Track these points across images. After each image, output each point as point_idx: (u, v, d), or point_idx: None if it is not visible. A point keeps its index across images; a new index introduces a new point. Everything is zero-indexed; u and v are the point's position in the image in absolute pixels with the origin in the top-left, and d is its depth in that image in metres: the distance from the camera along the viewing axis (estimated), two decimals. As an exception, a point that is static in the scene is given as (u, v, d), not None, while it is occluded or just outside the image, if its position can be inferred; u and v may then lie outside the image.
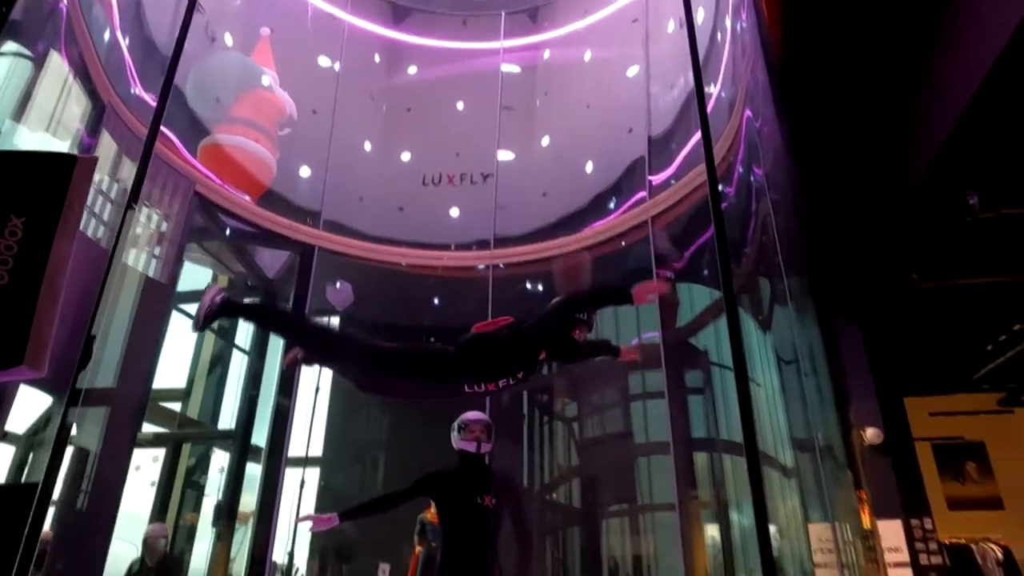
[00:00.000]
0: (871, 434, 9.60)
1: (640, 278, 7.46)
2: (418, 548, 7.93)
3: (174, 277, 6.47)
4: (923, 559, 8.91)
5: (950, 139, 6.49)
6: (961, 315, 9.50)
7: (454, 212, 9.55)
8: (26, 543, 1.56)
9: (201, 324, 3.06)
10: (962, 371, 11.21)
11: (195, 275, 8.63)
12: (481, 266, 8.20)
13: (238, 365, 8.83)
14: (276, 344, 7.63)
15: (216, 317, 3.09)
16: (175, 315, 7.23)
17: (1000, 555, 9.97)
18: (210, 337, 9.42)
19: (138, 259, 5.99)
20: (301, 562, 8.37)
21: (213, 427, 8.78)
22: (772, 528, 5.79)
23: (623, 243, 7.58)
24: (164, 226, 6.25)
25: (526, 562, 3.79)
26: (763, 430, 5.59)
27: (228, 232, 7.84)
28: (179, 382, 8.91)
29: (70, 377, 1.93)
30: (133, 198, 2.32)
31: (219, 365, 9.18)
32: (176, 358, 8.52)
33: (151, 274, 6.15)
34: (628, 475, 8.21)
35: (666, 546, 7.37)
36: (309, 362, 3.57)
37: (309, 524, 3.54)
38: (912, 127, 7.28)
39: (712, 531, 8.18)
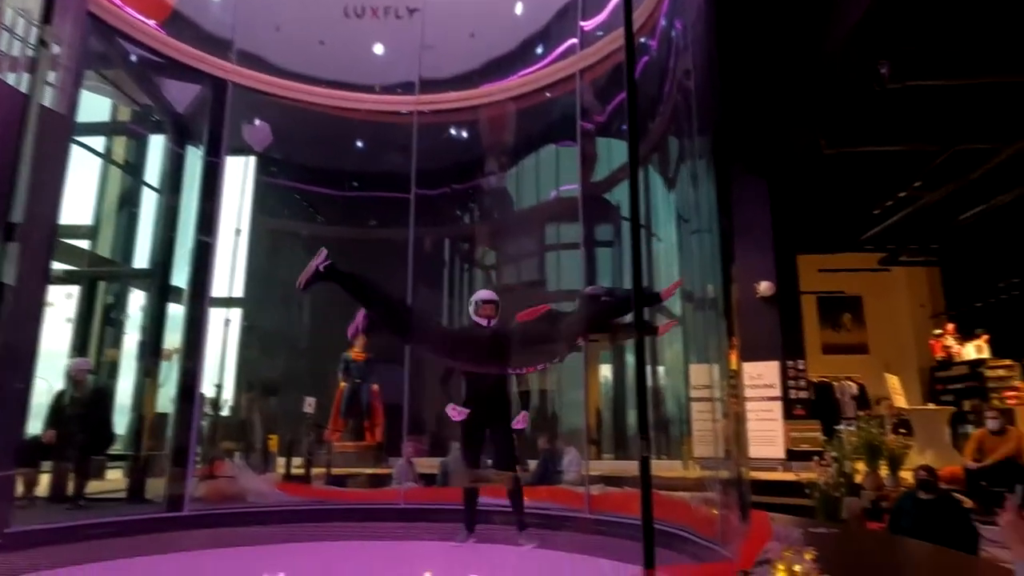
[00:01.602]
0: (764, 287, 10.53)
1: (564, 131, 7.54)
2: (343, 383, 8.43)
3: (72, 106, 6.01)
4: (793, 394, 10.28)
5: (869, 10, 6.66)
6: (855, 180, 10.22)
7: (378, 49, 9.06)
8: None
9: (304, 286, 3.85)
10: (851, 232, 12.24)
11: (96, 105, 8.08)
12: (405, 111, 7.99)
13: (149, 203, 8.56)
14: (192, 181, 7.36)
15: (318, 282, 3.86)
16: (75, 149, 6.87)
17: (856, 390, 11.72)
18: (116, 172, 9.01)
19: (31, 86, 5.52)
20: (228, 395, 8.79)
21: (127, 265, 8.66)
22: (661, 369, 6.55)
23: (548, 95, 7.51)
24: (56, 50, 5.69)
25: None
26: (659, 282, 6.10)
27: (129, 60, 7.22)
28: (85, 219, 8.63)
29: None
30: (43, 33, 2.16)
31: (128, 203, 8.88)
32: (79, 194, 8.17)
33: (46, 103, 5.70)
34: (540, 319, 8.75)
35: (570, 382, 8.12)
36: (371, 330, 4.52)
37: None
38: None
39: (606, 371, 9.07)
